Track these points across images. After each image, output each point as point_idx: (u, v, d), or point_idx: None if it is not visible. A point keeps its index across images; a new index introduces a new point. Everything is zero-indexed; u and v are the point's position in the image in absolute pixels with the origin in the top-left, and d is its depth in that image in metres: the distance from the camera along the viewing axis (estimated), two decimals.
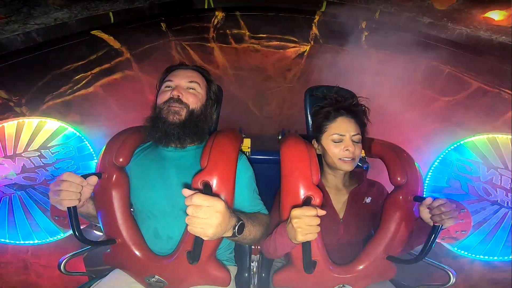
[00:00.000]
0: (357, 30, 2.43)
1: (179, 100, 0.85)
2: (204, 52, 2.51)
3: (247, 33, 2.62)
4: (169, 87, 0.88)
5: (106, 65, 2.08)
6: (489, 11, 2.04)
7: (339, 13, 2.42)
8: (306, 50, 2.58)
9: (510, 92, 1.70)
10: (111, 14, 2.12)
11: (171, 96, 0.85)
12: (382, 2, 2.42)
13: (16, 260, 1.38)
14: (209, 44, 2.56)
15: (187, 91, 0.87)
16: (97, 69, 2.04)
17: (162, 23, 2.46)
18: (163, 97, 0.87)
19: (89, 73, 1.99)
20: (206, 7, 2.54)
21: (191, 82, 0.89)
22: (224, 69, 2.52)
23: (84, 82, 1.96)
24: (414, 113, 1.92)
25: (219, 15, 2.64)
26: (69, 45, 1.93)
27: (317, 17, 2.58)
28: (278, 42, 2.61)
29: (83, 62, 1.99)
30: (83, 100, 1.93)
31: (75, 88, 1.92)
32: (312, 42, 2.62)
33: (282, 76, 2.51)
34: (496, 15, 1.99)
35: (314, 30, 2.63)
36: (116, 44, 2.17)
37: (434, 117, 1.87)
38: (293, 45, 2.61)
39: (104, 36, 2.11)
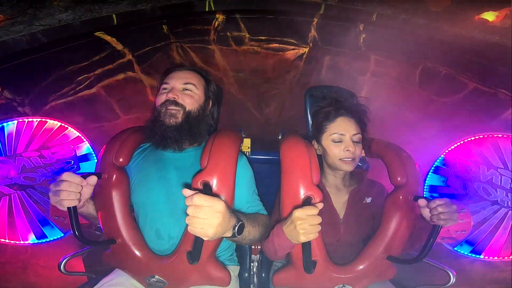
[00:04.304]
0: (354, 32, 2.41)
1: (175, 102, 0.83)
2: (205, 54, 2.49)
3: (247, 35, 2.60)
4: (165, 89, 0.87)
5: (109, 66, 2.06)
6: (483, 12, 2.02)
7: (337, 16, 2.40)
8: (305, 52, 2.56)
9: (506, 92, 1.67)
10: (114, 16, 2.08)
11: (167, 98, 0.84)
12: (378, 4, 2.39)
13: (15, 260, 1.35)
14: (210, 47, 2.53)
15: (183, 92, 0.86)
16: (99, 70, 2.02)
17: (163, 26, 2.43)
18: (160, 100, 0.86)
19: (91, 74, 1.96)
20: (207, 9, 2.51)
21: (186, 83, 0.87)
22: (225, 71, 2.50)
23: (86, 83, 1.94)
24: (412, 114, 1.89)
25: (220, 17, 2.61)
26: (73, 46, 1.89)
27: (315, 20, 2.55)
28: (278, 45, 2.59)
29: (86, 63, 1.96)
30: (85, 101, 1.90)
31: (77, 89, 1.89)
32: (311, 44, 2.60)
33: (282, 78, 2.49)
34: (491, 16, 1.98)
35: (313, 32, 2.60)
36: (118, 46, 2.14)
37: (432, 118, 1.85)
38: (292, 47, 2.58)
39: (107, 37, 2.08)
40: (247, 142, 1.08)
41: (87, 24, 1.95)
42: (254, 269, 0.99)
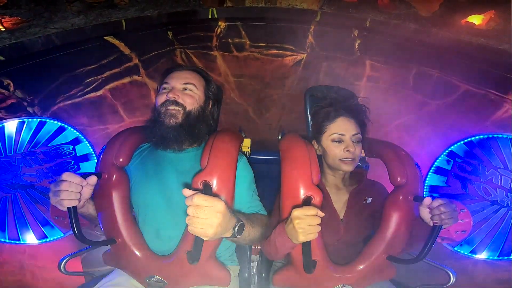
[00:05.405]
0: (350, 38, 2.39)
1: (175, 102, 0.79)
2: (207, 60, 2.47)
3: (248, 42, 2.58)
4: (165, 89, 0.83)
5: (116, 70, 2.04)
6: (469, 16, 2.01)
7: (333, 23, 2.39)
8: (303, 58, 2.53)
9: (495, 92, 1.64)
10: (123, 21, 2.08)
11: (167, 98, 0.79)
12: (372, 11, 2.37)
13: (13, 260, 1.29)
14: (212, 53, 2.51)
15: (183, 92, 0.81)
16: (107, 73, 1.99)
17: (169, 32, 2.41)
18: (160, 99, 0.81)
19: (99, 76, 1.94)
20: (210, 17, 2.50)
21: (186, 83, 0.82)
22: (226, 76, 2.48)
23: (94, 85, 1.92)
24: (408, 117, 1.86)
25: (222, 25, 2.60)
26: (83, 49, 1.88)
27: (312, 26, 2.53)
28: (277, 51, 2.57)
29: (95, 66, 1.94)
30: (91, 103, 1.87)
31: (85, 91, 1.87)
32: (308, 50, 2.57)
33: (281, 83, 2.47)
34: (477, 20, 1.97)
35: (310, 39, 2.58)
36: (126, 50, 2.13)
37: (427, 120, 1.82)
38: (290, 53, 2.56)
39: (116, 42, 2.07)
40: (247, 142, 1.04)
41: (98, 28, 1.95)
42: (254, 269, 0.95)
